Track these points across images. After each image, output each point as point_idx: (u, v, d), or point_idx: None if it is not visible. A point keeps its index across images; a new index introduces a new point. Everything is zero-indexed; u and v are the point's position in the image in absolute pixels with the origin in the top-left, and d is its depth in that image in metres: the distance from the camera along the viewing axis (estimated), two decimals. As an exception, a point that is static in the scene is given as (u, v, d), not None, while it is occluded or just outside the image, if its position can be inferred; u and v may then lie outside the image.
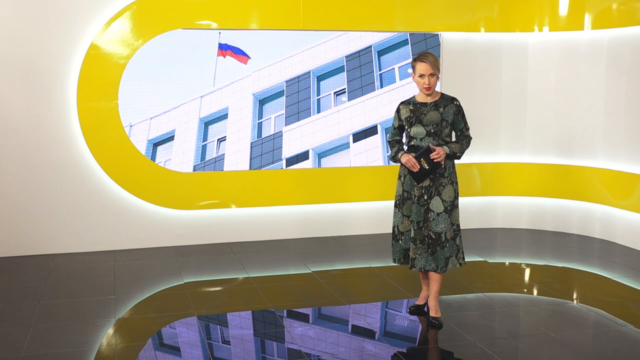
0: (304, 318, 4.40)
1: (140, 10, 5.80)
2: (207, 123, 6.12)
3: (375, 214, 6.54)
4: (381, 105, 6.46)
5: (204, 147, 6.12)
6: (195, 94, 6.06)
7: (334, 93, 6.39)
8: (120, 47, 5.79)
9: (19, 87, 5.64)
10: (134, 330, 4.14)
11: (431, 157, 3.94)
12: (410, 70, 4.97)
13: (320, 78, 6.35)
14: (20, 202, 5.75)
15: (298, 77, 6.28)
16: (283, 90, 6.25)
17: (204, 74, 6.07)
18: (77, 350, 3.78)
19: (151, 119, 5.95)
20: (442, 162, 3.99)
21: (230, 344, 3.96)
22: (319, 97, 6.35)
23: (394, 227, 4.23)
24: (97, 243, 5.96)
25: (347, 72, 6.38)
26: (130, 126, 5.85)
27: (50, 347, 3.81)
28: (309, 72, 6.31)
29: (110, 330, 4.10)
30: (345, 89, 6.40)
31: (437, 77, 4.05)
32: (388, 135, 4.31)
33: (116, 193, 5.94)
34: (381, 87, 6.46)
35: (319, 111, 6.35)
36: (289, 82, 6.27)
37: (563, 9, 6.46)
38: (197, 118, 6.09)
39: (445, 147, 4.02)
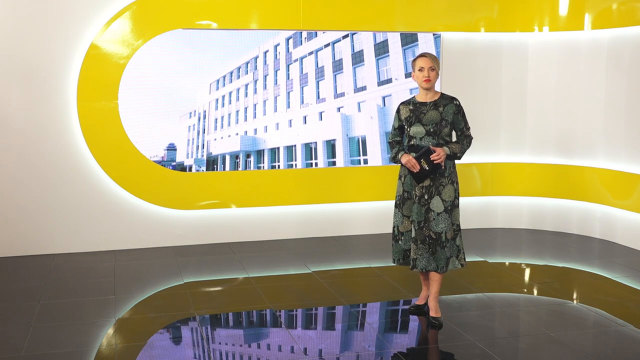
0: (304, 318, 4.40)
1: (140, 10, 5.80)
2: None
3: (375, 214, 6.54)
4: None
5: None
6: (194, 94, 6.07)
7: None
8: (120, 47, 5.79)
9: (19, 87, 5.64)
10: (134, 330, 4.14)
11: (431, 158, 3.94)
12: (411, 71, 4.96)
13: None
14: (20, 202, 5.75)
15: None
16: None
17: (206, 74, 6.07)
18: (77, 350, 3.78)
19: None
20: (443, 163, 3.99)
21: (230, 344, 3.96)
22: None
23: (394, 228, 4.23)
24: (97, 243, 5.96)
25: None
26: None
27: (50, 347, 3.80)
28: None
29: (110, 330, 4.10)
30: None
31: (437, 73, 4.05)
32: (388, 136, 4.30)
33: (116, 193, 5.94)
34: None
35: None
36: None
37: (563, 9, 6.46)
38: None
39: (446, 148, 4.02)
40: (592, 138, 6.42)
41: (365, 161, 6.53)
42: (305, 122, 6.37)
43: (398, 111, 4.19)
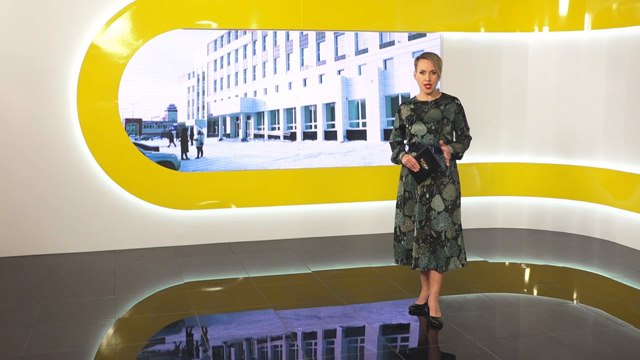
0: (304, 318, 4.40)
1: (140, 10, 5.80)
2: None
3: (375, 214, 6.54)
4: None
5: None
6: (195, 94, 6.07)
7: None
8: (120, 47, 5.79)
9: (19, 87, 5.64)
10: (134, 330, 4.14)
11: (442, 157, 3.96)
12: (413, 69, 4.97)
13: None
14: (20, 202, 5.75)
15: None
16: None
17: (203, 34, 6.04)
18: (77, 350, 3.78)
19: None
20: (447, 162, 3.99)
21: (230, 344, 3.96)
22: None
23: (395, 228, 4.22)
24: (97, 243, 5.96)
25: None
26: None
27: (50, 347, 3.80)
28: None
29: (110, 330, 4.10)
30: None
31: (438, 76, 4.05)
32: (390, 137, 4.30)
33: (116, 193, 5.94)
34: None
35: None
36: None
37: (563, 9, 6.46)
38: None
39: (450, 147, 4.02)
40: (592, 138, 6.42)
41: (365, 124, 6.48)
42: (305, 85, 6.35)
43: (399, 111, 4.19)
